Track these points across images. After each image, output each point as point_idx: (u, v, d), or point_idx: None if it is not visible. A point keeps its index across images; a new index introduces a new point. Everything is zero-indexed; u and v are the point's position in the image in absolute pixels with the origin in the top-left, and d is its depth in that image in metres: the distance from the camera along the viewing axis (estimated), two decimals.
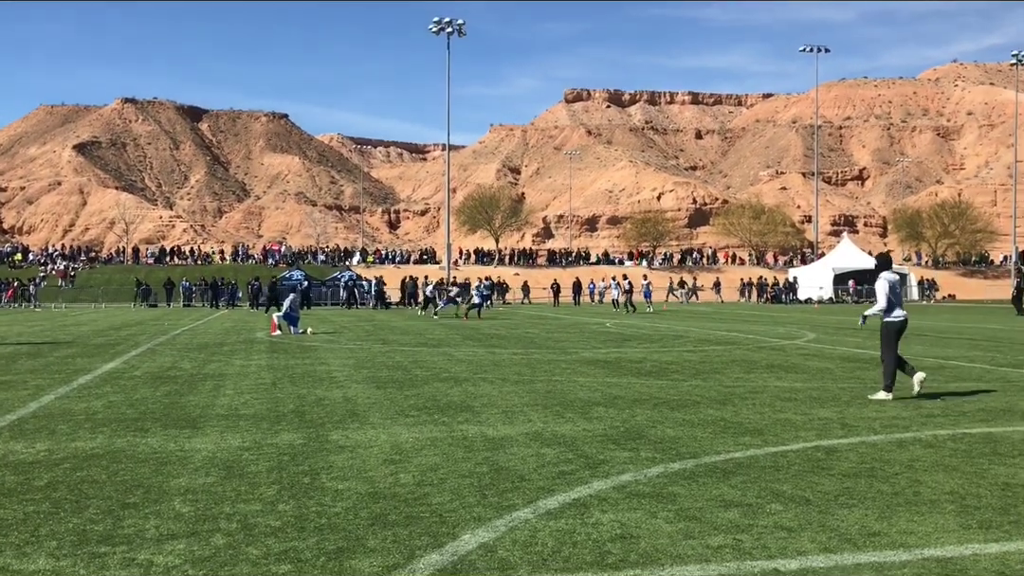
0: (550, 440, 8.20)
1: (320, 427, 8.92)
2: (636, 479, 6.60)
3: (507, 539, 5.09)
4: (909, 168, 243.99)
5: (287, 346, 19.98)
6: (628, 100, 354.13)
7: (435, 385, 12.48)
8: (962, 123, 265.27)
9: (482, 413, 9.85)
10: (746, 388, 12.13)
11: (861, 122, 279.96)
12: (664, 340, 21.93)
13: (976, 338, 22.78)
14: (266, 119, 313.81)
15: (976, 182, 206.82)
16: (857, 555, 4.82)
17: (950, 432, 8.62)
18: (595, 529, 5.30)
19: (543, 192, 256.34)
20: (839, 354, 17.64)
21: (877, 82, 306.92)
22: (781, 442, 8.13)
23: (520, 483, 6.46)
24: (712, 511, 5.68)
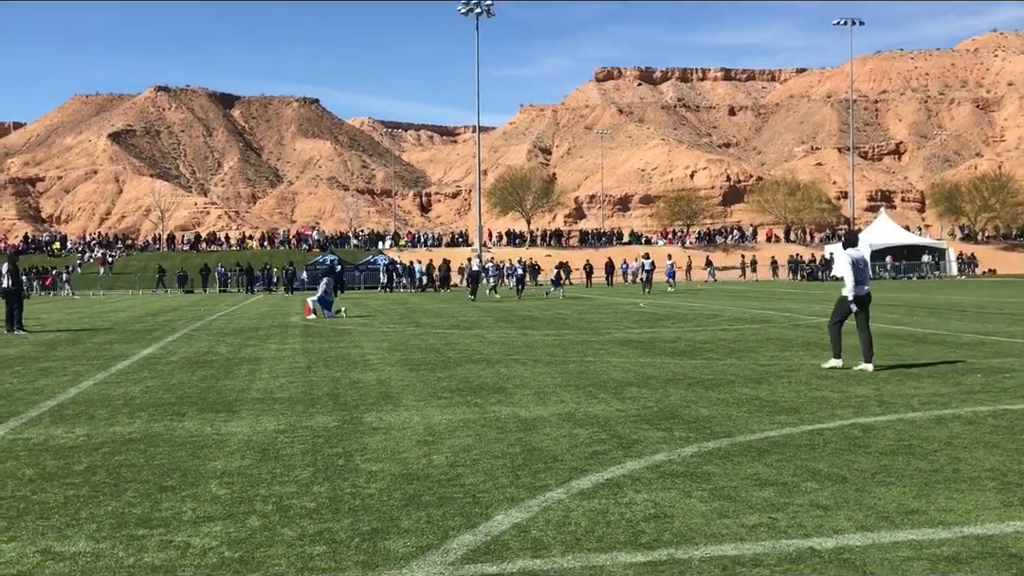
0: (583, 420, 8.17)
1: (354, 410, 8.97)
2: (670, 459, 6.56)
3: (540, 519, 5.09)
4: (947, 141, 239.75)
5: (321, 330, 20.11)
6: (659, 78, 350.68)
7: (468, 367, 12.50)
8: (1002, 94, 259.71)
9: (515, 394, 9.85)
10: (781, 367, 12.02)
11: (897, 95, 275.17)
12: (698, 319, 21.78)
13: (1017, 313, 22.38)
14: (297, 104, 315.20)
15: (1017, 154, 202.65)
16: (895, 533, 4.76)
17: (991, 408, 8.48)
18: (628, 509, 5.27)
19: (574, 172, 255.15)
20: (876, 331, 17.37)
21: (914, 54, 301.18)
22: (817, 420, 8.04)
23: (553, 463, 6.45)
24: (747, 490, 5.63)
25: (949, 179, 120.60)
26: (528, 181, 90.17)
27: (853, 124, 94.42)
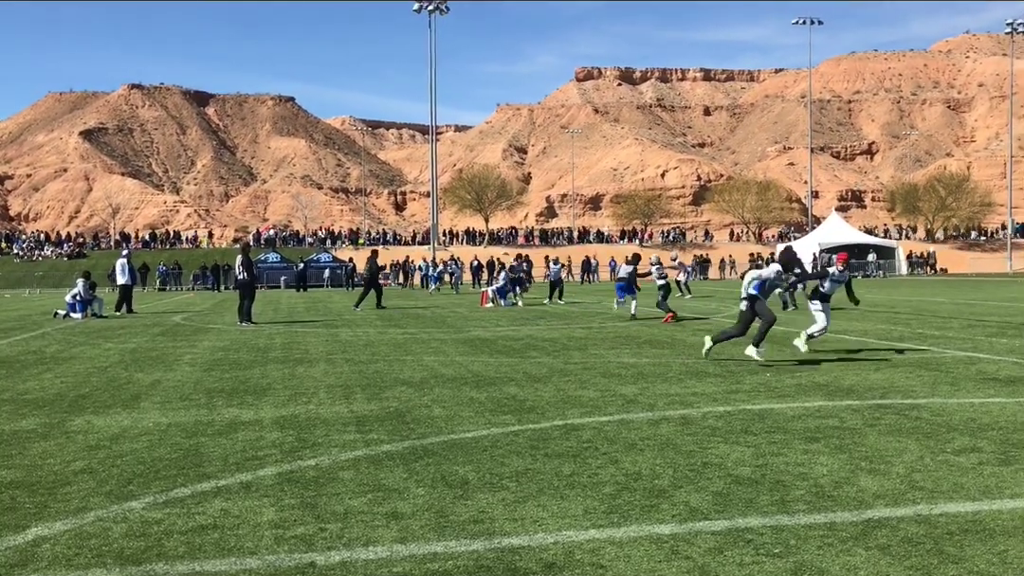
0: (295, 422, 7.84)
1: (79, 411, 8.60)
2: (323, 463, 6.23)
3: (88, 529, 4.76)
4: (918, 142, 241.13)
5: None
6: (639, 78, 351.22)
7: (265, 368, 12.14)
8: (973, 95, 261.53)
9: (270, 395, 9.51)
10: (585, 365, 11.73)
11: (871, 96, 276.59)
12: (583, 318, 21.51)
13: (921, 312, 22.23)
14: (272, 103, 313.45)
15: (986, 154, 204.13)
16: (429, 545, 4.46)
17: (727, 409, 8.19)
18: (183, 520, 4.95)
19: (549, 171, 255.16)
20: None
21: (887, 55, 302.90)
22: (536, 420, 7.74)
23: (196, 468, 6.11)
24: (339, 500, 5.32)
25: (911, 179, 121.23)
26: (485, 179, 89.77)
27: (811, 124, 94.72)
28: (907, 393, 8.99)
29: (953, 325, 17.42)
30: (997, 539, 4.42)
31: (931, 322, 18.36)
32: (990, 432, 6.95)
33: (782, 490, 5.33)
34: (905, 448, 6.41)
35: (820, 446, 6.51)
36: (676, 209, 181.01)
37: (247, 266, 20.24)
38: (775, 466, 5.92)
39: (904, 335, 15.44)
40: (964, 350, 12.89)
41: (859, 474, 5.69)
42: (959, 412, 7.85)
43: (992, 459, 6.05)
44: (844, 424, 7.36)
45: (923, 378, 10.06)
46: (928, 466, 5.88)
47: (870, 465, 5.92)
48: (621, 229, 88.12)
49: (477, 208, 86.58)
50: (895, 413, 7.84)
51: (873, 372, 10.64)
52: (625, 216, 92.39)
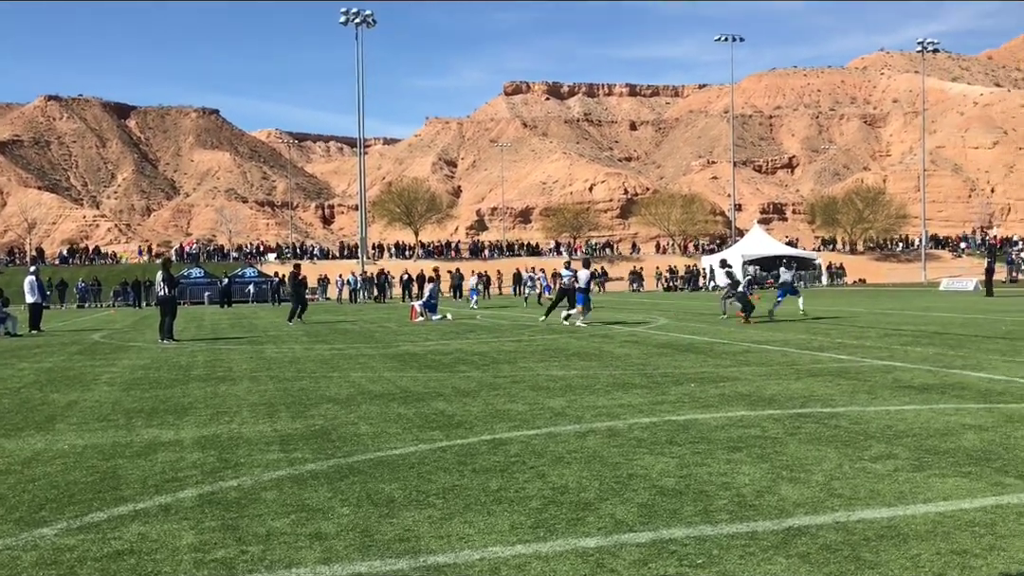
0: (217, 442, 7.66)
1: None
2: (245, 483, 6.10)
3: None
4: (837, 156, 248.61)
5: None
6: (567, 92, 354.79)
7: (187, 386, 11.87)
8: (888, 111, 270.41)
9: (192, 415, 9.29)
10: (515, 378, 11.74)
11: (791, 111, 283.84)
12: (512, 331, 21.55)
13: (841, 322, 22.81)
14: (196, 115, 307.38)
15: (901, 168, 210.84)
16: (353, 565, 4.39)
17: (651, 420, 8.28)
18: (98, 546, 4.79)
19: (479, 185, 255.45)
20: (663, 340, 17.41)
21: (806, 71, 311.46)
22: (464, 435, 7.71)
23: (112, 491, 5.92)
24: (258, 520, 5.21)
25: (830, 192, 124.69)
26: (414, 193, 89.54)
27: (733, 139, 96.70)
28: (826, 402, 9.21)
29: (870, 334, 17.93)
30: (911, 544, 4.55)
31: (849, 332, 18.87)
32: (905, 439, 7.15)
33: (705, 500, 5.40)
34: (824, 456, 6.56)
35: (743, 455, 6.63)
36: (604, 222, 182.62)
37: (169, 282, 19.80)
38: (699, 476, 6.00)
39: (824, 344, 15.83)
40: (881, 359, 13.27)
41: (780, 483, 5.80)
42: (876, 420, 8.07)
43: (907, 465, 6.22)
44: (766, 433, 7.50)
45: (842, 387, 10.32)
46: (846, 473, 6.02)
47: (791, 474, 6.04)
48: (551, 241, 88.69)
49: (407, 221, 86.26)
50: (815, 422, 8.02)
51: (794, 381, 10.88)
52: (555, 229, 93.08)
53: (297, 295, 27.65)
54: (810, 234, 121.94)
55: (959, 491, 5.51)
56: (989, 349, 14.31)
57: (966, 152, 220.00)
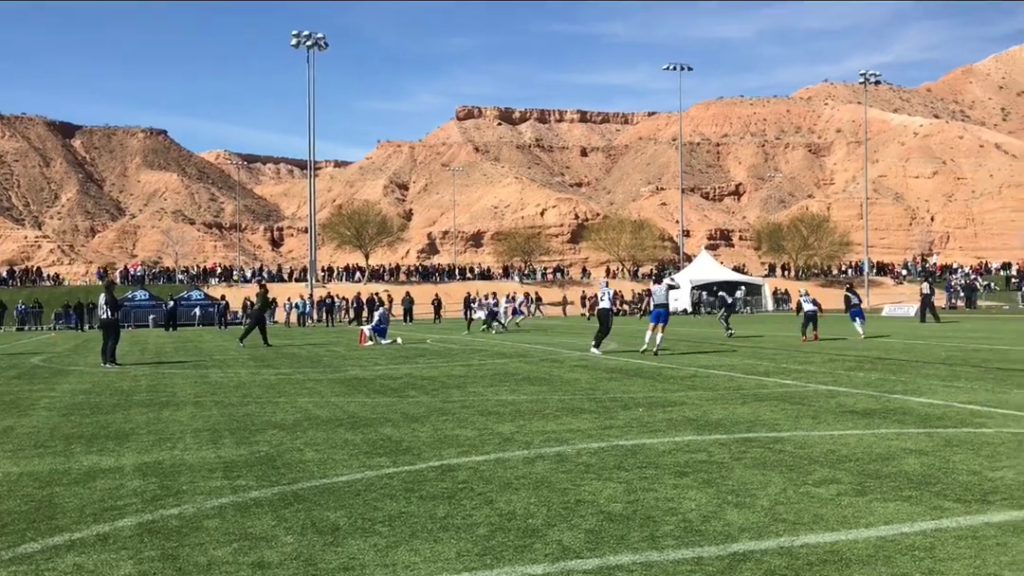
0: (153, 470, 7.50)
1: None
2: (186, 511, 5.97)
3: None
4: (782, 183, 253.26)
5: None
6: (518, 118, 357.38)
7: (129, 411, 11.62)
8: (832, 140, 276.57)
9: (132, 441, 9.09)
10: (464, 403, 11.70)
11: (738, 139, 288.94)
12: (463, 355, 21.48)
13: (787, 347, 23.14)
14: (143, 135, 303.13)
15: (844, 196, 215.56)
16: None
17: (601, 445, 8.30)
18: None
19: (431, 208, 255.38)
20: (613, 365, 17.50)
21: (753, 100, 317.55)
22: (412, 461, 7.65)
23: (49, 520, 5.76)
24: (199, 549, 5.11)
25: (776, 219, 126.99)
26: (364, 215, 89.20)
27: (682, 166, 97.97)
28: (772, 426, 9.32)
29: (815, 360, 18.22)
30: (853, 568, 4.60)
31: (795, 356, 19.16)
32: (848, 463, 7.26)
33: (652, 526, 5.42)
34: (769, 481, 6.63)
35: (689, 480, 6.67)
36: (555, 247, 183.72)
37: (112, 304, 19.42)
38: (646, 501, 6.02)
39: (769, 369, 16.04)
40: (825, 383, 13.48)
41: (726, 508, 5.84)
42: (820, 444, 8.19)
43: (850, 490, 6.31)
44: (712, 458, 7.56)
45: (787, 411, 10.45)
46: (791, 498, 6.09)
47: (736, 498, 6.09)
48: (503, 265, 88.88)
49: (357, 244, 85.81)
50: (760, 446, 8.11)
51: (740, 406, 11.00)
52: (506, 253, 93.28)
53: (260, 316, 27.51)
54: (756, 260, 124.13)
55: (900, 515, 5.61)
56: (929, 374, 14.62)
57: (907, 181, 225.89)
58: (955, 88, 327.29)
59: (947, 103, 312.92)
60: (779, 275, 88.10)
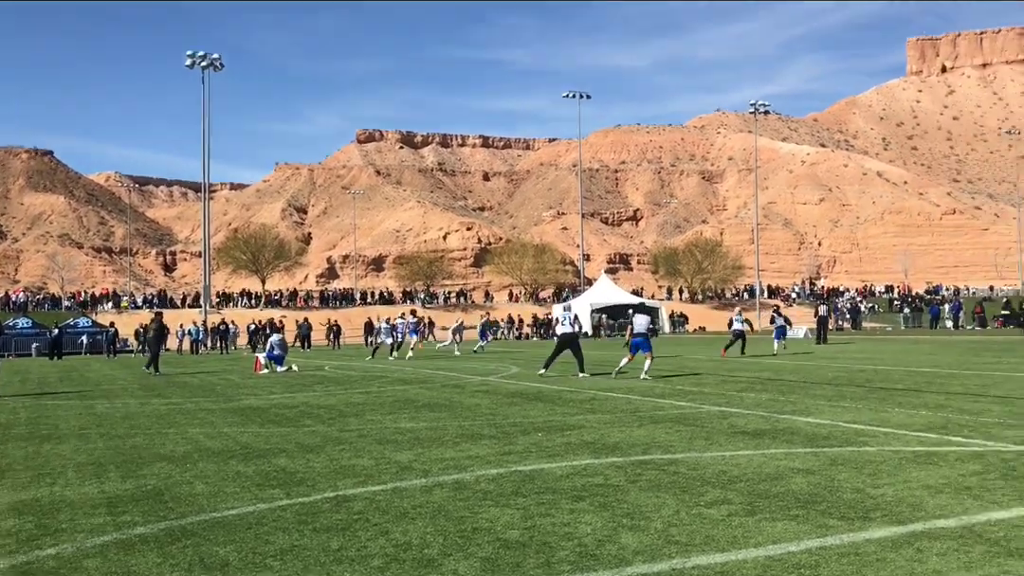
0: (30, 507, 7.13)
1: None
2: (65, 551, 5.69)
3: None
4: (678, 209, 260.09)
5: None
6: (420, 142, 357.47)
7: (7, 446, 11.05)
8: (724, 168, 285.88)
9: (9, 476, 8.63)
10: (361, 432, 11.53)
11: (635, 166, 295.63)
12: (362, 382, 21.22)
13: (682, 369, 23.61)
14: (27, 156, 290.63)
15: (736, 222, 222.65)
16: None
17: (499, 471, 8.29)
18: None
19: (330, 232, 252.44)
20: (513, 389, 17.56)
21: (649, 128, 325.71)
22: (306, 493, 7.48)
23: None
24: None
25: (671, 244, 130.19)
26: (263, 239, 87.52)
27: (582, 191, 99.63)
28: (667, 448, 9.49)
29: (708, 381, 18.66)
30: None
31: (689, 378, 19.58)
32: (739, 484, 7.44)
33: (548, 551, 5.43)
34: (663, 503, 6.74)
35: (586, 504, 6.72)
36: (458, 271, 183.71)
37: None
38: (543, 527, 6.04)
39: (665, 391, 16.35)
40: (718, 405, 13.81)
41: (621, 531, 5.90)
42: (712, 465, 8.37)
43: (740, 510, 6.46)
44: (608, 481, 7.64)
45: (681, 433, 10.66)
46: (683, 520, 6.20)
47: (631, 521, 6.16)
48: (404, 290, 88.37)
49: (253, 269, 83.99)
50: (655, 468, 8.24)
51: (637, 428, 11.16)
52: (408, 277, 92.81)
53: (156, 344, 26.71)
54: (654, 283, 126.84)
55: (787, 534, 5.76)
56: (816, 395, 15.14)
57: (795, 207, 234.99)
58: (840, 119, 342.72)
59: (832, 133, 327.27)
60: (676, 298, 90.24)
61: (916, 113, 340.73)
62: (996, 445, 9.16)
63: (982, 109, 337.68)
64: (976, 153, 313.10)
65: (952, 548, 5.34)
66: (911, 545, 5.42)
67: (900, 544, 5.46)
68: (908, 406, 12.97)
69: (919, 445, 9.31)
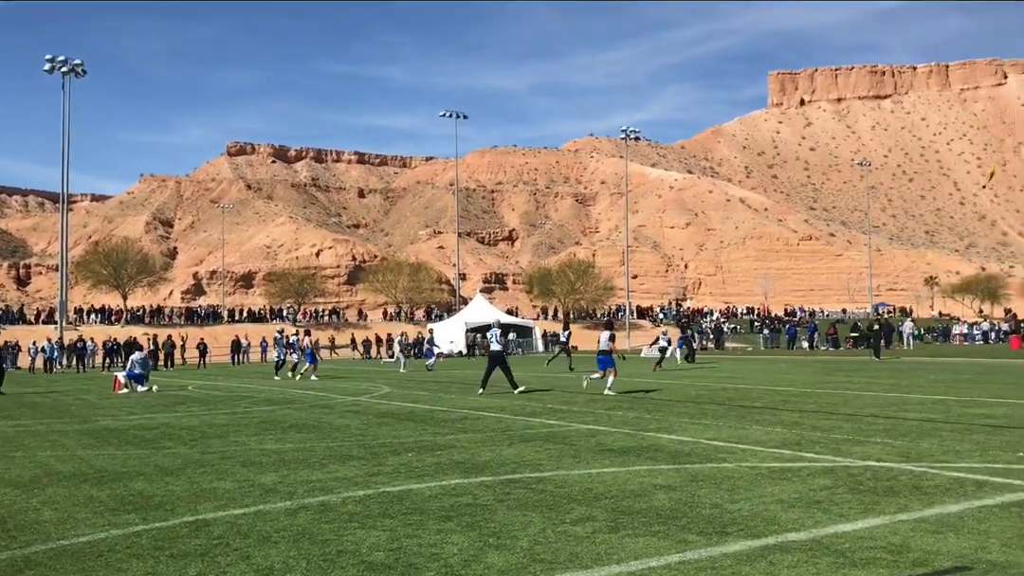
0: None
1: None
2: None
3: None
4: (552, 230, 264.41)
5: None
6: (294, 156, 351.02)
7: None
8: (596, 191, 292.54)
9: None
10: (224, 453, 11.18)
11: (511, 187, 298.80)
12: (227, 402, 20.58)
13: (554, 388, 23.86)
14: None
15: (608, 244, 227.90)
16: None
17: (367, 492, 8.19)
18: None
19: (198, 247, 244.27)
20: (385, 409, 17.39)
21: (525, 151, 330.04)
22: (164, 517, 7.19)
23: None
24: None
25: (545, 265, 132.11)
26: (125, 253, 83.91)
27: (458, 211, 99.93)
28: (535, 467, 9.58)
29: (578, 400, 18.96)
30: None
31: (560, 397, 19.85)
32: (603, 500, 7.58)
33: (413, 573, 5.39)
34: (530, 521, 6.80)
35: (453, 524, 6.71)
36: (331, 288, 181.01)
37: None
38: (409, 548, 5.99)
39: (536, 410, 16.52)
40: (586, 423, 14.05)
41: (487, 550, 5.92)
42: (579, 483, 8.51)
43: (604, 527, 6.59)
44: (477, 501, 7.66)
45: (550, 451, 10.79)
46: (549, 538, 6.27)
47: (497, 540, 6.19)
48: (271, 307, 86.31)
49: (114, 284, 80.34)
50: (523, 487, 8.31)
51: (507, 447, 11.23)
52: (278, 295, 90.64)
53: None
54: (528, 303, 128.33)
55: (648, 550, 5.91)
56: (680, 412, 15.61)
57: (663, 231, 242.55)
58: (705, 146, 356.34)
59: (699, 160, 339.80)
60: (550, 318, 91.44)
61: (776, 143, 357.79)
62: (845, 460, 9.65)
63: (837, 141, 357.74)
64: (831, 183, 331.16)
65: (802, 560, 5.59)
66: (764, 558, 5.64)
67: (754, 558, 5.68)
68: (765, 423, 13.52)
69: (774, 461, 9.72)
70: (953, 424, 12.89)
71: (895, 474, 8.71)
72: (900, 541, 6.01)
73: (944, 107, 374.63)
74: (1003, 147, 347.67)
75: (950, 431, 12.06)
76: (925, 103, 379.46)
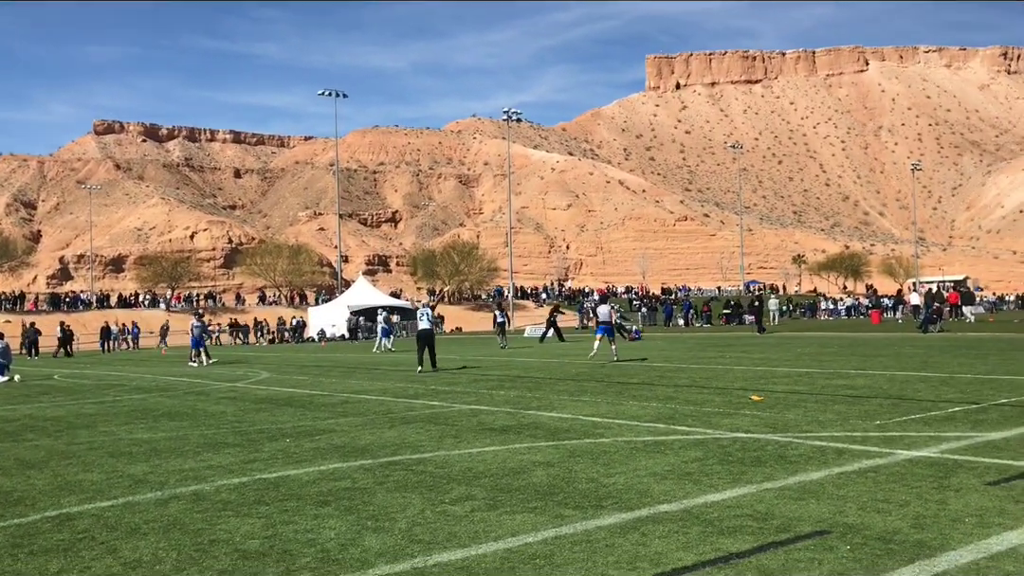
0: None
1: None
2: None
3: None
4: (436, 212, 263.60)
5: None
6: (165, 135, 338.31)
7: None
8: (480, 172, 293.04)
9: None
10: (92, 444, 10.74)
11: (394, 167, 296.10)
12: (95, 391, 19.74)
13: (439, 368, 23.81)
14: None
15: (491, 225, 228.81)
16: None
17: (242, 480, 8.02)
18: None
19: (63, 230, 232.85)
20: (263, 395, 17.04)
21: (407, 131, 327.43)
22: (24, 513, 6.86)
23: None
24: None
25: (430, 246, 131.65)
26: None
27: (339, 191, 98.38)
28: (416, 448, 9.57)
29: (461, 380, 19.03)
30: None
31: (442, 378, 19.87)
32: (483, 479, 7.65)
33: (289, 560, 5.32)
34: (409, 503, 6.79)
35: (331, 509, 6.64)
36: (206, 272, 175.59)
37: None
38: (284, 535, 5.90)
39: (419, 392, 16.50)
40: (468, 403, 14.12)
41: (365, 534, 5.89)
42: (459, 463, 8.55)
43: (482, 505, 6.65)
44: (356, 484, 7.60)
45: (431, 432, 10.80)
46: (428, 518, 6.28)
47: (375, 523, 6.16)
48: (146, 292, 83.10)
49: None
50: (404, 469, 8.30)
51: (388, 430, 11.18)
52: (151, 279, 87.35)
53: None
54: (413, 285, 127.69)
55: (525, 526, 5.99)
56: (560, 390, 15.86)
57: (546, 212, 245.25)
58: (586, 129, 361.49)
59: (580, 142, 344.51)
60: (436, 300, 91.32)
61: (654, 126, 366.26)
62: (715, 433, 10.02)
63: (711, 124, 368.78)
64: (705, 165, 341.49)
65: (673, 530, 5.77)
66: (637, 530, 5.81)
67: (628, 529, 5.83)
68: (641, 399, 13.89)
69: (649, 435, 10.01)
70: (817, 395, 13.54)
71: (762, 444, 9.09)
72: (765, 509, 6.29)
73: (811, 92, 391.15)
74: (865, 130, 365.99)
75: (814, 402, 12.67)
76: (793, 88, 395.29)
